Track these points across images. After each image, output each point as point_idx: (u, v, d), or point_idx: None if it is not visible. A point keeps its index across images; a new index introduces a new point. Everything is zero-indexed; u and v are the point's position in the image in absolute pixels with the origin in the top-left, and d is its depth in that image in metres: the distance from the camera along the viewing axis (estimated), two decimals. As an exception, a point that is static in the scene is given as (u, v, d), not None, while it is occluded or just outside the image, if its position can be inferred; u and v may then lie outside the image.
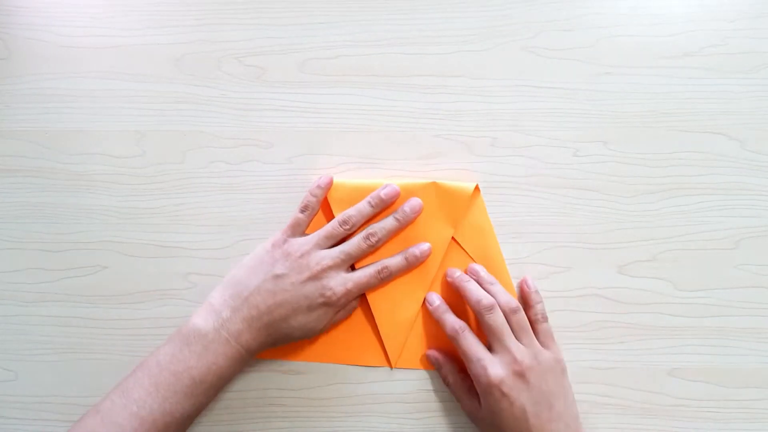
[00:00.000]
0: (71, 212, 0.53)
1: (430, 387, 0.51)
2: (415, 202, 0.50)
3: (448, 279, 0.50)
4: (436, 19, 0.53)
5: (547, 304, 0.51)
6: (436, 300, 0.50)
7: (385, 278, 0.49)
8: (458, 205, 0.51)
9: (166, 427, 0.44)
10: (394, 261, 0.49)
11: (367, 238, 0.48)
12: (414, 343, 0.51)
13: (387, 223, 0.49)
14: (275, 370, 0.51)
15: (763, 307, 0.51)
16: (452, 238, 0.51)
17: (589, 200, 0.52)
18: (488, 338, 0.47)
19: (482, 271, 0.50)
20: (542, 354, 0.47)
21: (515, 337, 0.47)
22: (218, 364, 0.45)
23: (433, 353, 0.50)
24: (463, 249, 0.51)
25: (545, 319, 0.49)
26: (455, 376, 0.50)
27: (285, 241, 0.48)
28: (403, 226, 0.50)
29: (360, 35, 0.53)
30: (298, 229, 0.50)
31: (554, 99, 0.53)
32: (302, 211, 0.50)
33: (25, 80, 0.53)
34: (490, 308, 0.47)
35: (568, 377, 0.48)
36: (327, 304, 0.47)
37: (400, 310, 0.51)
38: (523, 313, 0.48)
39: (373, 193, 0.50)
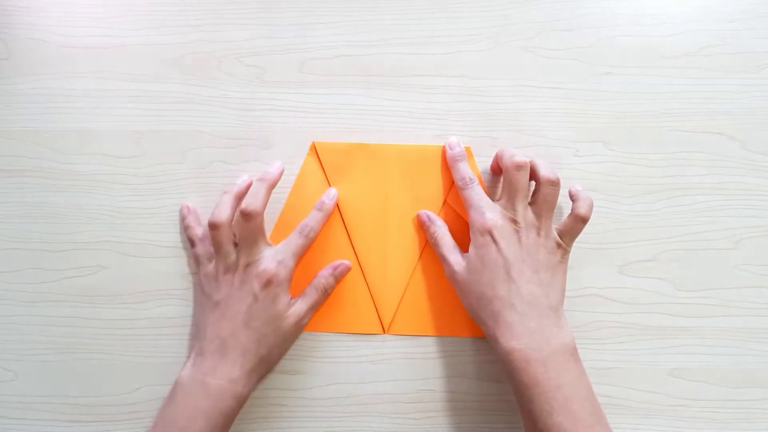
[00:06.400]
0: (71, 212, 0.53)
1: (430, 387, 0.51)
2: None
3: (497, 152, 0.50)
4: (436, 19, 0.54)
5: (547, 304, 0.51)
6: (456, 147, 0.50)
7: (309, 235, 0.49)
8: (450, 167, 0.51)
9: None
10: (310, 216, 0.49)
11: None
12: (408, 309, 0.51)
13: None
14: (275, 371, 0.51)
15: (763, 307, 0.51)
16: (444, 201, 0.51)
17: (589, 200, 0.52)
18: (502, 191, 0.48)
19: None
20: (547, 232, 0.47)
21: (532, 206, 0.47)
22: (200, 406, 0.45)
23: (425, 212, 0.51)
24: (457, 211, 0.51)
25: (582, 219, 0.47)
26: (445, 232, 0.50)
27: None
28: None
29: (360, 35, 0.53)
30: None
31: (554, 99, 0.53)
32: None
33: (25, 80, 0.53)
34: (521, 167, 0.47)
35: (566, 274, 0.48)
36: (269, 283, 0.46)
37: (392, 274, 0.51)
38: (557, 190, 0.47)
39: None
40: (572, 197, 0.49)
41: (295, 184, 0.52)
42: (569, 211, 0.48)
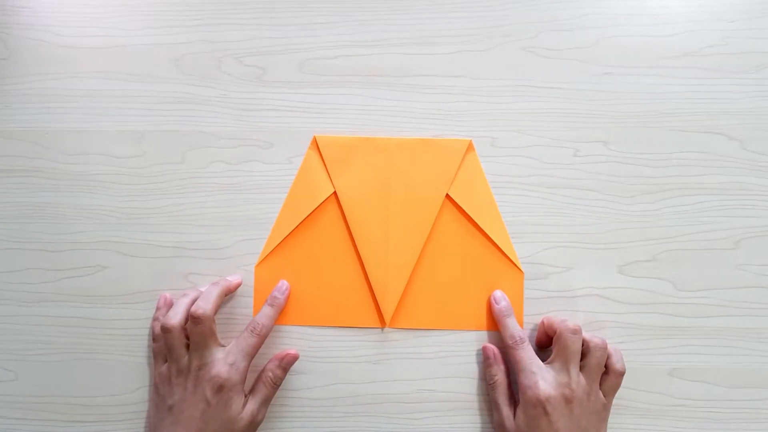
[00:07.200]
0: (71, 212, 0.53)
1: (430, 387, 0.51)
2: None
3: (545, 321, 0.50)
4: (436, 19, 0.54)
5: (548, 304, 0.51)
6: (502, 301, 0.50)
7: (260, 333, 0.48)
8: (451, 161, 0.52)
9: None
10: (261, 313, 0.49)
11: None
12: (410, 303, 0.51)
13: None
14: (275, 370, 0.51)
15: (763, 307, 0.51)
16: (446, 195, 0.52)
17: (589, 200, 0.52)
18: (555, 355, 0.47)
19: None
20: (596, 395, 0.47)
21: (582, 369, 0.47)
22: None
23: (492, 348, 0.50)
24: (458, 205, 0.52)
25: (621, 374, 0.48)
26: (504, 378, 0.49)
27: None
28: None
29: (360, 35, 0.53)
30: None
31: (554, 99, 0.53)
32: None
33: (25, 80, 0.53)
34: (576, 331, 0.47)
35: (607, 426, 0.48)
36: (221, 389, 0.46)
37: (394, 268, 0.51)
38: (605, 355, 0.47)
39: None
40: (610, 356, 0.48)
41: (297, 179, 0.52)
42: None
